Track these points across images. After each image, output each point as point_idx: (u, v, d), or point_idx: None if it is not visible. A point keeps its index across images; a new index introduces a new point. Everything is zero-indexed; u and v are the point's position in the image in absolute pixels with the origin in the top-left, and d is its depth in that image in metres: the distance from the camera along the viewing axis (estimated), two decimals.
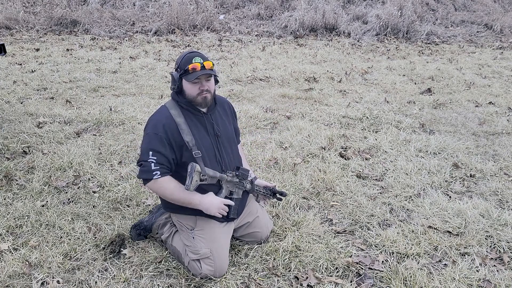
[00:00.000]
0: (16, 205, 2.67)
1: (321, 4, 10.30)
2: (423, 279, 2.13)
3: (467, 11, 11.28)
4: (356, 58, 7.77)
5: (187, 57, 2.03)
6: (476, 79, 6.32)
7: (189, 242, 2.13)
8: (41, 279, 2.06)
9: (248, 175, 2.23)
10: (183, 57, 2.05)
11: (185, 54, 2.06)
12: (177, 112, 2.07)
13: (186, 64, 2.01)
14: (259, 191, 2.32)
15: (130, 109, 4.51)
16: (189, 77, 2.02)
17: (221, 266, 2.10)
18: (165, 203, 2.22)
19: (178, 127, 2.04)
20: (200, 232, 2.13)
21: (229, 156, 2.20)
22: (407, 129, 4.23)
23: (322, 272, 2.18)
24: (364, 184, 3.13)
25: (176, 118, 2.05)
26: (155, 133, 2.02)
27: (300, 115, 4.57)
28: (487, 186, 3.12)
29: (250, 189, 2.27)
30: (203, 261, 2.09)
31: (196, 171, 1.99)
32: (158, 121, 2.05)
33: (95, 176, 3.08)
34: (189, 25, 9.75)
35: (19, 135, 3.70)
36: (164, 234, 2.29)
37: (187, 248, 2.14)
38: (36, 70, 6.09)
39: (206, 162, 2.08)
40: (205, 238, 2.12)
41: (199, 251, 2.09)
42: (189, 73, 2.01)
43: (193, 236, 2.13)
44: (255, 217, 2.35)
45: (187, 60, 2.02)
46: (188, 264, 2.13)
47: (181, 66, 2.03)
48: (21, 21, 9.46)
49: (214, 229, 2.15)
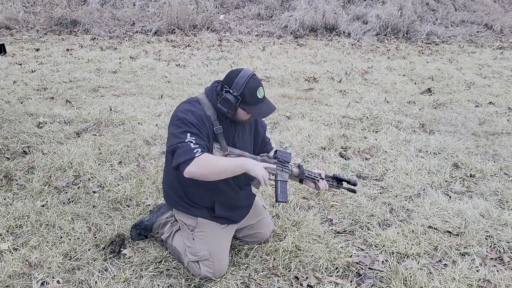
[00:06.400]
0: (16, 205, 2.67)
1: (321, 4, 10.30)
2: (423, 279, 2.13)
3: (467, 11, 11.27)
4: (356, 58, 7.77)
5: (250, 87, 1.93)
6: (476, 79, 6.32)
7: (189, 243, 2.13)
8: (41, 279, 2.07)
9: (290, 157, 2.11)
10: (245, 83, 1.92)
11: (245, 78, 1.93)
12: (209, 105, 2.01)
13: (252, 97, 1.93)
14: (313, 176, 2.17)
15: (130, 109, 4.51)
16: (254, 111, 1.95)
17: (220, 268, 2.10)
18: (170, 199, 2.18)
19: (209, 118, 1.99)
20: (201, 234, 2.13)
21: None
22: (407, 129, 4.23)
23: (322, 272, 2.18)
24: (364, 184, 3.13)
25: (207, 110, 2.00)
26: (189, 118, 1.92)
27: (300, 115, 4.57)
28: (487, 186, 3.12)
29: (298, 173, 2.14)
30: (202, 263, 2.09)
31: (216, 148, 1.95)
32: (191, 110, 1.96)
33: (95, 176, 3.08)
34: (189, 25, 9.75)
35: (19, 135, 3.70)
36: (165, 234, 2.29)
37: (187, 248, 2.13)
38: (36, 70, 6.09)
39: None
40: (205, 240, 2.11)
41: (198, 253, 2.09)
42: (251, 106, 1.95)
43: (193, 237, 2.13)
44: (260, 219, 2.35)
45: (252, 93, 1.93)
46: (188, 264, 2.13)
47: (246, 99, 1.93)
48: (21, 21, 9.46)
49: (215, 231, 2.14)
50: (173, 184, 2.13)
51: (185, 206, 2.13)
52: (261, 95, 1.97)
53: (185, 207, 2.13)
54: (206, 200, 2.12)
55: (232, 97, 1.93)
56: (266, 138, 2.32)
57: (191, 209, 2.12)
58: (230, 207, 2.17)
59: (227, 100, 1.93)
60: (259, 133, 2.26)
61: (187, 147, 1.84)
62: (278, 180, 2.05)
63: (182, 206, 2.13)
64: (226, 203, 2.15)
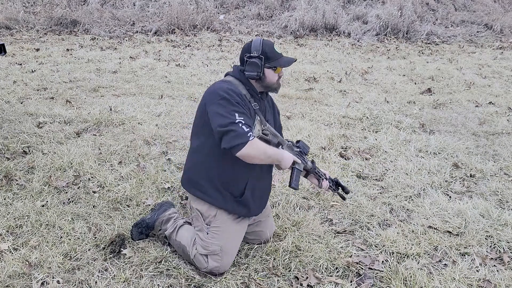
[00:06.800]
0: (16, 205, 2.67)
1: (321, 4, 10.30)
2: (423, 279, 2.13)
3: (467, 11, 11.28)
4: (356, 58, 7.77)
5: (267, 45, 2.06)
6: (476, 79, 6.32)
7: (202, 235, 2.14)
8: (41, 279, 2.06)
9: (308, 150, 2.25)
10: (263, 44, 2.05)
11: (259, 40, 2.07)
12: (241, 85, 2.08)
13: (272, 53, 2.05)
14: (320, 173, 2.31)
15: (130, 109, 4.51)
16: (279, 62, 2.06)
17: (227, 262, 2.13)
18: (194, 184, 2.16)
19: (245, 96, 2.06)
20: (215, 229, 2.13)
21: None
22: (407, 129, 4.23)
23: (322, 272, 2.18)
24: (364, 184, 3.13)
25: (240, 89, 2.06)
26: (233, 97, 1.96)
27: (300, 115, 4.57)
28: (487, 186, 3.12)
29: (311, 168, 2.27)
30: (211, 257, 2.10)
31: (258, 120, 2.02)
32: (231, 89, 2.00)
33: (95, 176, 3.08)
34: (189, 25, 9.75)
35: (19, 135, 3.70)
36: (168, 229, 2.30)
37: (199, 241, 2.14)
38: (36, 70, 6.09)
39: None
40: (219, 235, 2.12)
41: (210, 247, 2.10)
42: (274, 60, 2.05)
43: (207, 231, 2.13)
44: (267, 217, 2.38)
45: (271, 49, 2.05)
46: (194, 257, 2.14)
47: (268, 55, 2.04)
48: (21, 21, 9.46)
49: (230, 226, 2.14)
50: (205, 166, 2.11)
51: (210, 193, 2.10)
52: (279, 50, 2.09)
53: (210, 194, 2.10)
54: (240, 180, 2.11)
55: (256, 59, 2.03)
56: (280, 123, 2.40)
57: (216, 195, 2.10)
58: (256, 191, 2.18)
59: (252, 63, 2.03)
60: (276, 112, 2.33)
61: (241, 130, 1.89)
62: (295, 168, 2.17)
63: (207, 193, 2.11)
64: (256, 185, 2.16)
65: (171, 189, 2.97)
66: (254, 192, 2.16)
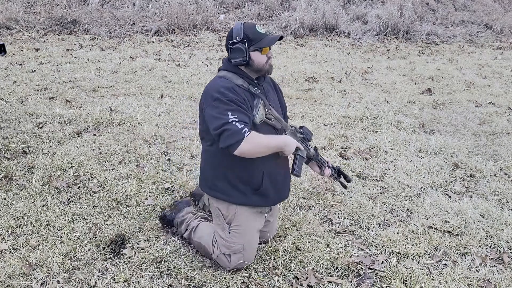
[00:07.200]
0: (16, 205, 2.67)
1: (321, 4, 10.30)
2: (423, 279, 2.13)
3: (467, 11, 11.27)
4: (356, 58, 7.77)
5: (248, 27, 2.00)
6: (476, 79, 6.32)
7: (224, 235, 2.14)
8: (41, 279, 2.06)
9: (311, 136, 2.21)
10: (244, 28, 1.99)
11: (239, 24, 2.01)
12: (234, 76, 2.04)
13: (255, 34, 1.99)
14: (322, 161, 2.29)
15: (130, 109, 4.51)
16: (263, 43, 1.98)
17: (250, 256, 2.16)
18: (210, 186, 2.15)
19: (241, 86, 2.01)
20: (237, 228, 2.12)
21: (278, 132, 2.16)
22: (407, 129, 4.23)
23: (322, 272, 2.18)
24: (364, 184, 3.13)
25: (235, 81, 2.02)
26: (224, 95, 1.93)
27: (300, 115, 4.57)
28: (487, 186, 3.12)
29: (313, 155, 2.24)
30: (234, 255, 2.12)
31: (262, 103, 1.98)
32: (223, 86, 1.97)
33: (95, 176, 3.08)
34: (189, 25, 9.75)
35: (19, 135, 3.70)
36: (184, 232, 2.34)
37: (220, 241, 2.14)
38: (36, 70, 6.09)
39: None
40: (240, 233, 2.12)
41: (233, 246, 2.11)
42: (258, 41, 1.98)
43: (229, 231, 2.13)
44: (274, 219, 2.37)
45: (252, 30, 1.99)
46: (217, 257, 2.15)
47: (250, 37, 1.98)
48: (21, 21, 9.46)
49: (251, 224, 2.14)
50: (219, 165, 2.10)
51: (229, 193, 2.09)
52: (262, 30, 2.02)
53: (229, 193, 2.09)
54: (255, 173, 2.08)
55: (239, 44, 1.98)
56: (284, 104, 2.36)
57: (234, 193, 2.09)
58: (275, 178, 2.15)
59: (236, 49, 1.99)
60: (278, 92, 2.29)
61: (235, 128, 1.87)
62: (298, 154, 2.13)
63: (226, 193, 2.10)
64: (273, 173, 2.14)
65: (171, 189, 2.97)
66: (272, 180, 2.14)
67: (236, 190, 2.09)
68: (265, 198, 2.14)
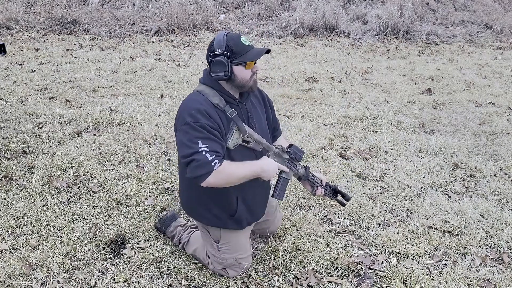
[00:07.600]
0: (16, 205, 2.67)
1: (321, 4, 10.30)
2: (423, 279, 2.13)
3: (467, 11, 11.27)
4: (356, 58, 7.77)
5: (231, 38, 1.82)
6: (476, 79, 6.32)
7: (214, 252, 2.11)
8: (41, 279, 2.07)
9: (302, 156, 2.04)
10: (227, 39, 1.81)
11: (222, 35, 1.83)
12: (212, 92, 1.88)
13: (238, 46, 1.81)
14: (315, 181, 2.13)
15: (130, 109, 4.51)
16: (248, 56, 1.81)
17: (246, 263, 2.14)
18: (192, 210, 2.10)
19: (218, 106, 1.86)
20: (225, 245, 2.09)
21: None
22: (407, 129, 4.23)
23: (322, 272, 2.18)
24: (364, 184, 3.13)
25: (212, 99, 1.87)
26: (196, 121, 1.79)
27: (300, 115, 4.57)
28: (487, 186, 3.12)
29: (303, 174, 2.09)
30: (229, 268, 2.11)
31: (236, 128, 1.85)
32: (196, 108, 1.82)
33: (95, 176, 3.08)
34: (189, 25, 9.75)
35: (19, 135, 3.70)
36: (179, 245, 2.33)
37: (212, 257, 2.12)
38: (36, 70, 6.09)
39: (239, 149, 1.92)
40: (230, 249, 2.09)
41: (225, 262, 2.09)
42: (242, 55, 1.81)
43: (218, 249, 2.09)
44: (273, 215, 2.35)
45: (236, 42, 1.82)
46: (213, 270, 2.15)
47: (233, 49, 1.80)
48: (21, 21, 9.46)
49: (238, 237, 2.10)
50: (193, 187, 1.97)
51: (208, 217, 2.03)
52: (247, 42, 1.86)
53: (208, 217, 2.04)
54: (229, 199, 1.99)
55: (221, 56, 1.81)
56: (275, 118, 2.24)
57: (210, 216, 2.03)
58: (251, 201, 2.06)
59: (217, 63, 1.82)
60: (267, 107, 2.16)
61: (204, 159, 1.74)
62: (281, 177, 2.01)
63: (205, 217, 2.04)
64: (249, 196, 2.05)
65: (171, 189, 2.97)
66: (248, 204, 2.06)
67: (211, 214, 2.02)
68: (242, 222, 2.06)
